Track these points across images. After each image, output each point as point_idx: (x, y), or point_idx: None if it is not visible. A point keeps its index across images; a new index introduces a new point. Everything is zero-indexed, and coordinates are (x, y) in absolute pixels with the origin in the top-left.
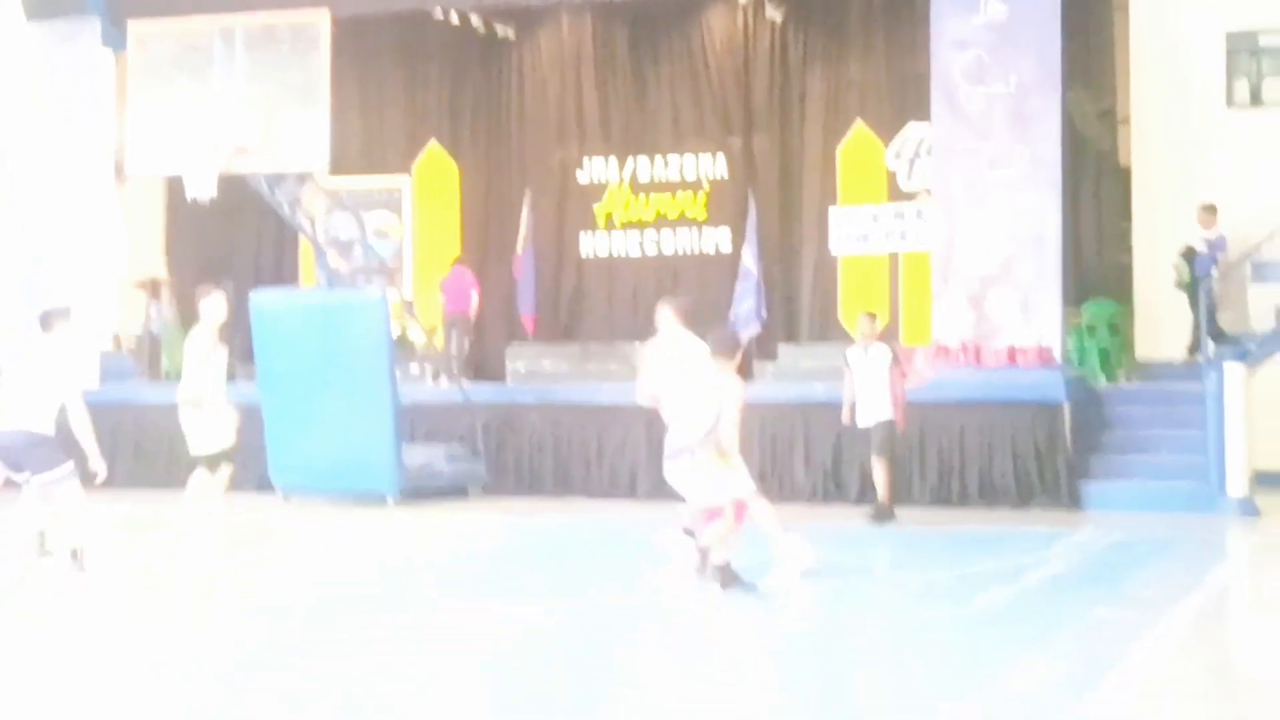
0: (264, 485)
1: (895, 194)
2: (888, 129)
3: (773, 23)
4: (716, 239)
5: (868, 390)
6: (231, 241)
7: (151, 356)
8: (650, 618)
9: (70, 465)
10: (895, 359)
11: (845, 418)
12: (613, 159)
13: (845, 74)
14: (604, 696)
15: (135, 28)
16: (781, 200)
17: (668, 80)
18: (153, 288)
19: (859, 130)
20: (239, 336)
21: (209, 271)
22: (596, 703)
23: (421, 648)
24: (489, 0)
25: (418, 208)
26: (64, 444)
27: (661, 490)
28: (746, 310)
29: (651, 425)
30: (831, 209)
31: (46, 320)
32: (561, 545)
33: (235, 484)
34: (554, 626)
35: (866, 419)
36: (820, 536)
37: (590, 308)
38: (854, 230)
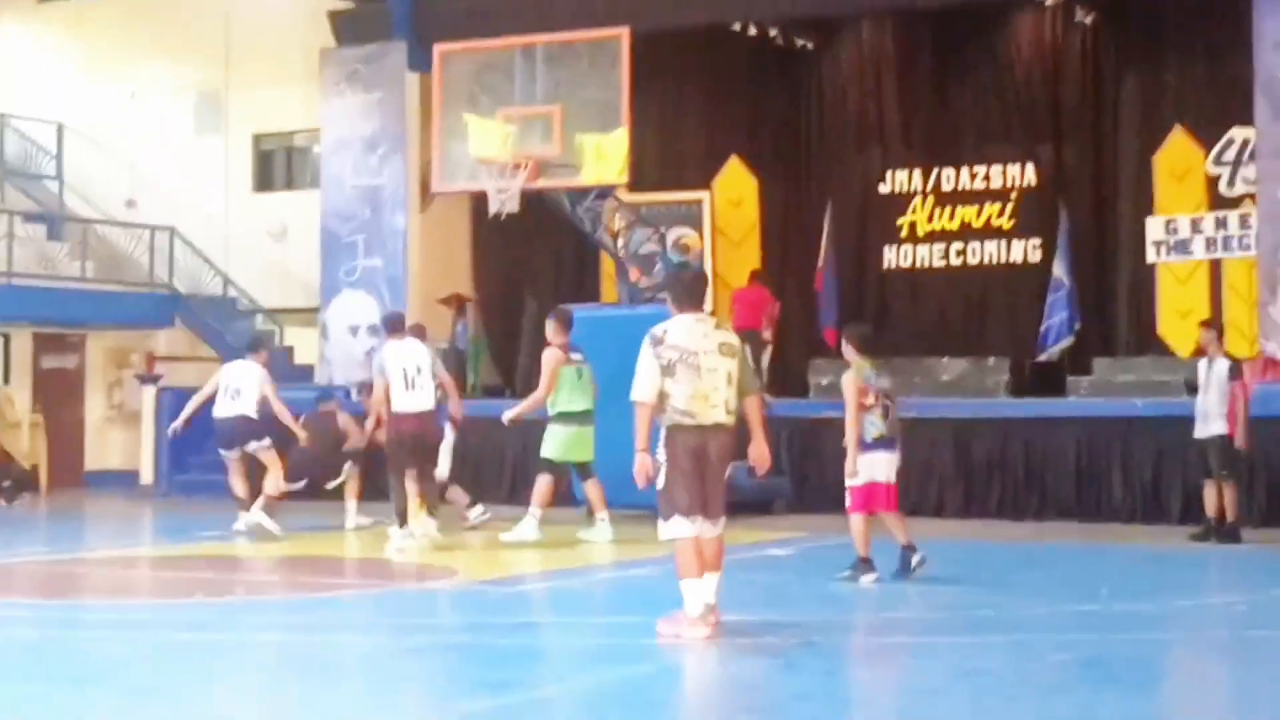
0: (568, 499)
1: (1216, 201)
2: (1208, 134)
3: (1083, 26)
4: (1025, 249)
5: (1205, 404)
6: (535, 257)
7: (458, 371)
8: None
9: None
10: (1237, 372)
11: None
12: (917, 170)
13: (1161, 78)
14: None
15: (439, 49)
16: (1094, 209)
17: (973, 88)
18: (458, 304)
19: (1177, 136)
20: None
21: (512, 288)
22: None
23: None
24: (788, 12)
25: (718, 222)
26: None
27: (970, 509)
28: (1059, 322)
29: (959, 440)
30: (1148, 218)
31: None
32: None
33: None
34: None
35: (1201, 434)
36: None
37: (894, 321)
38: (1172, 239)
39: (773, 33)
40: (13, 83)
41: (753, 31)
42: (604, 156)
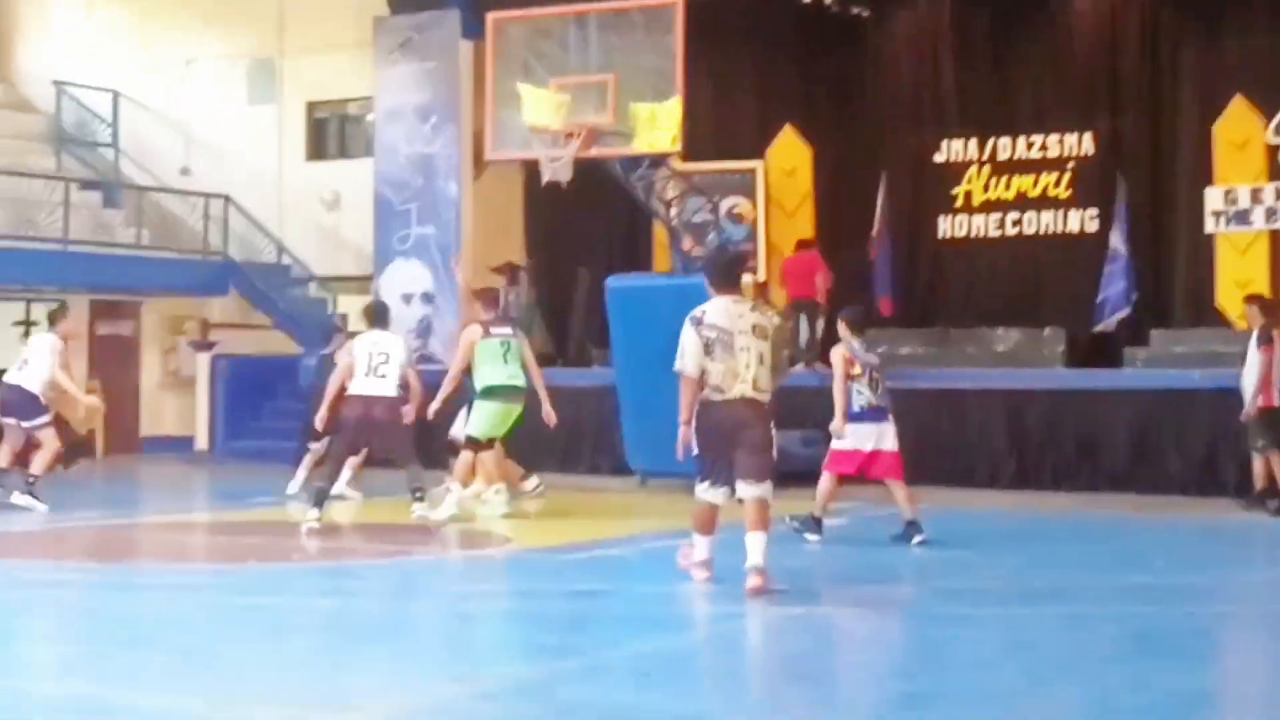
0: (620, 468)
1: (1276, 171)
2: (1268, 103)
3: None
4: (1082, 219)
5: (1247, 377)
6: (587, 226)
7: None
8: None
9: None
10: (1266, 339)
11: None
12: (972, 139)
13: (1221, 47)
14: None
15: (493, 17)
16: (1152, 179)
17: (1030, 57)
18: (511, 273)
19: (1237, 105)
20: (595, 321)
21: (565, 257)
22: None
23: None
24: None
25: (771, 191)
26: None
27: (1024, 480)
28: (1116, 293)
29: (1013, 411)
30: (1207, 189)
31: None
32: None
33: (592, 467)
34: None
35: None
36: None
37: (948, 291)
38: (1232, 210)
39: (827, 0)
40: (69, 51)
41: (807, 0)
42: (657, 125)
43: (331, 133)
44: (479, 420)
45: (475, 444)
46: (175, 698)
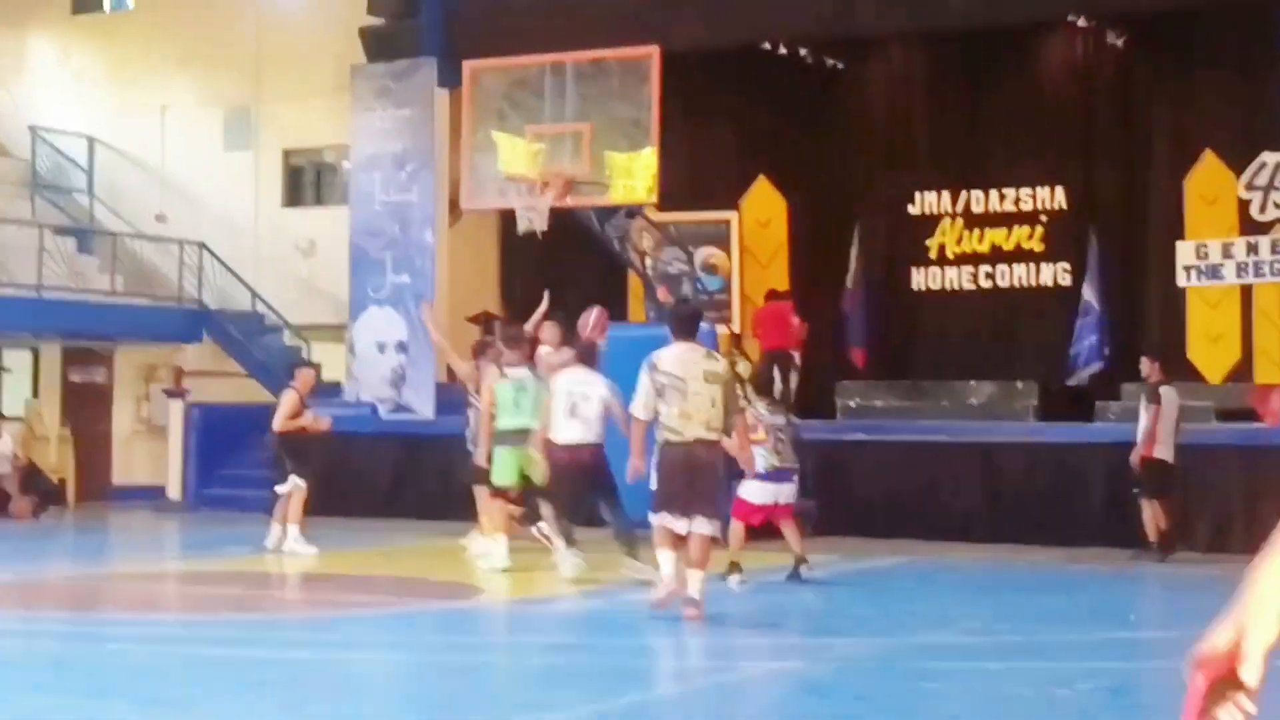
0: (594, 519)
1: (1247, 226)
2: (1239, 158)
3: (1114, 48)
4: (1055, 273)
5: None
6: (562, 276)
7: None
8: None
9: None
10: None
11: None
12: (945, 191)
13: (1193, 101)
14: None
15: (469, 66)
16: (1124, 233)
17: (1002, 110)
18: (486, 322)
19: (1208, 159)
20: None
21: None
22: None
23: None
24: (818, 32)
25: (746, 241)
26: None
27: (999, 533)
28: (1088, 347)
29: (988, 464)
30: (1178, 243)
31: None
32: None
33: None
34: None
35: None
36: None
37: (922, 343)
38: (1203, 264)
39: (802, 52)
40: (44, 96)
41: (783, 51)
42: (633, 175)
43: (307, 180)
44: (494, 467)
45: (499, 492)
46: None
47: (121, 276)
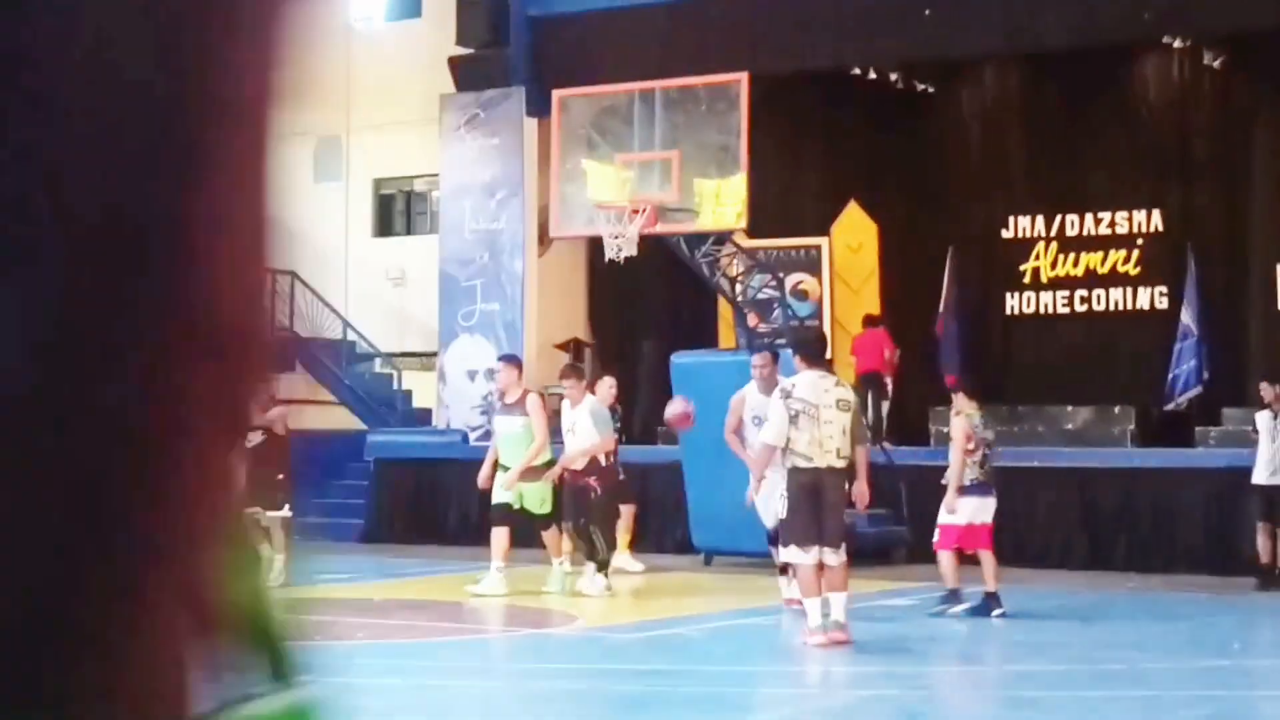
0: (684, 547)
1: None
2: None
3: (1210, 69)
4: (1152, 296)
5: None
6: (651, 302)
7: None
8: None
9: None
10: None
11: None
12: (1040, 216)
13: None
14: None
15: (558, 95)
16: (1223, 255)
17: (1098, 133)
18: (575, 349)
19: None
20: (660, 397)
21: (629, 333)
22: None
23: None
24: (909, 56)
25: (837, 267)
26: None
27: (1097, 560)
28: (1187, 371)
29: (1085, 490)
30: (1278, 265)
31: None
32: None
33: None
34: None
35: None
36: None
37: (1017, 369)
38: None
39: (893, 76)
40: None
41: (872, 75)
42: (722, 201)
43: (397, 209)
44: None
45: (548, 519)
46: None
47: None
